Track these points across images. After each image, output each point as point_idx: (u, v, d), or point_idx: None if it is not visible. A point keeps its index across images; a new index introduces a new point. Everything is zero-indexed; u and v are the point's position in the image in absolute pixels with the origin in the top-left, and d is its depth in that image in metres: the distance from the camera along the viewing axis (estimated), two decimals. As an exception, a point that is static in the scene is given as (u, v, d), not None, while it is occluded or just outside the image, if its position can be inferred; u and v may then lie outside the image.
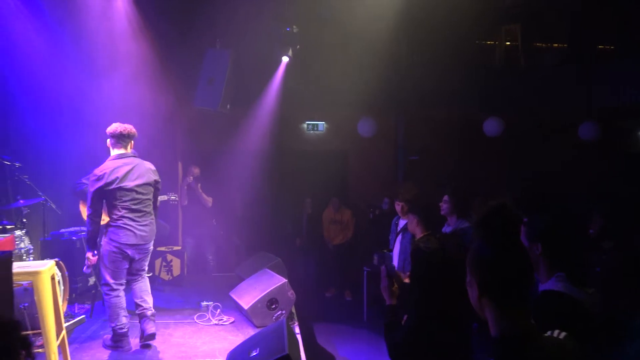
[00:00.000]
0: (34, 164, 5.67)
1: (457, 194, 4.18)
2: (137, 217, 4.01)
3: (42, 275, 3.75)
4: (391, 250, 4.01)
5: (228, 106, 6.61)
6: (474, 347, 2.22)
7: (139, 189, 3.99)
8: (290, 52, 6.73)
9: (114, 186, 3.94)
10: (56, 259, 4.55)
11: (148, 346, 4.10)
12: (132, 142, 4.14)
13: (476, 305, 1.40)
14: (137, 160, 4.09)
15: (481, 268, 1.37)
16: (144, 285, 4.23)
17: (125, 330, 4.08)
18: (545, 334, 1.40)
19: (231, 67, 6.40)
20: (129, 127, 4.07)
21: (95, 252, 4.09)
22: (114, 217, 4.01)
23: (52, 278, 4.01)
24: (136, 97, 6.07)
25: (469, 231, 3.88)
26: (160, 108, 6.36)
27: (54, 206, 5.62)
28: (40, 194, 5.45)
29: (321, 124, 8.21)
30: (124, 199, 3.98)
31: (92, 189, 3.94)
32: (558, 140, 7.46)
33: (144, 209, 4.04)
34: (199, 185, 6.73)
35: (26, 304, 4.25)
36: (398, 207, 4.45)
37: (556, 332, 1.41)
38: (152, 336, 4.07)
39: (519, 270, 1.35)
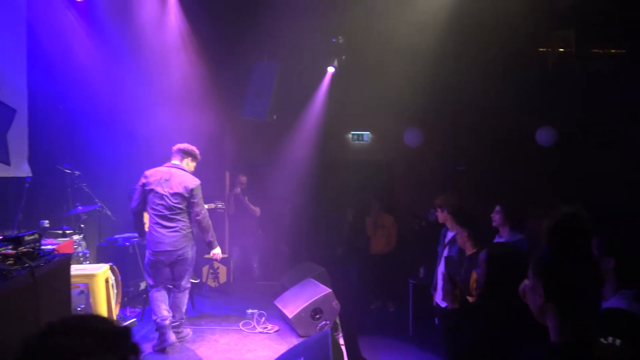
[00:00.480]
0: (92, 172, 6.00)
1: (510, 205, 4.05)
2: (167, 224, 4.27)
3: (97, 277, 3.96)
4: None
5: (275, 117, 6.82)
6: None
7: (170, 197, 4.27)
8: (336, 63, 6.79)
9: (148, 187, 4.32)
10: (110, 263, 4.81)
11: (163, 350, 4.21)
12: (188, 158, 4.47)
13: (537, 310, 1.40)
14: (179, 172, 4.38)
15: (550, 275, 1.37)
16: (178, 301, 4.43)
17: (167, 323, 4.25)
18: (603, 341, 1.42)
19: (278, 78, 6.59)
20: (183, 146, 4.50)
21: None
22: (150, 224, 4.36)
23: (106, 281, 4.25)
24: (187, 108, 6.30)
25: (523, 244, 3.75)
26: (210, 119, 6.54)
27: (109, 213, 5.90)
28: (97, 201, 5.75)
29: (366, 134, 8.16)
30: (157, 202, 4.30)
31: (136, 185, 4.42)
32: (614, 149, 7.05)
33: (174, 217, 4.28)
34: (246, 198, 6.86)
35: (82, 306, 4.45)
36: (440, 216, 4.32)
37: (610, 338, 1.43)
38: (172, 345, 4.21)
39: (589, 281, 1.35)
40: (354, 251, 7.53)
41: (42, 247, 2.96)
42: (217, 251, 4.52)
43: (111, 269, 4.76)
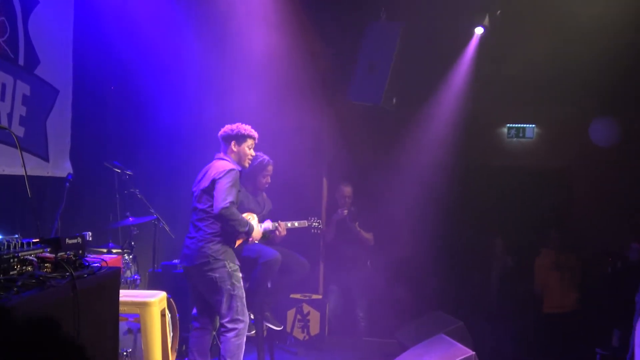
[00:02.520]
0: (148, 174, 6.37)
1: None
2: (192, 232, 4.80)
3: (152, 307, 4.17)
4: None
5: (394, 100, 6.79)
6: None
7: (197, 198, 4.82)
8: (486, 21, 6.66)
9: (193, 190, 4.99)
10: (168, 296, 5.05)
11: None
12: (231, 143, 4.94)
13: None
14: (217, 163, 4.86)
15: None
16: (224, 351, 4.66)
17: None
18: None
19: (401, 46, 6.54)
20: (221, 131, 5.01)
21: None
22: None
23: (162, 314, 4.44)
24: (272, 92, 6.58)
25: None
26: (303, 107, 6.78)
27: (167, 228, 6.22)
28: (152, 211, 6.07)
29: (529, 128, 7.90)
30: (192, 206, 4.92)
31: None
32: None
33: (198, 223, 4.76)
34: (357, 223, 6.96)
35: (128, 349, 4.69)
36: None
37: None
38: None
39: None
40: (510, 303, 7.38)
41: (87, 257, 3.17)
42: (256, 234, 4.92)
43: (168, 302, 5.01)
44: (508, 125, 7.97)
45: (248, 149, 4.94)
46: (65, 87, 5.69)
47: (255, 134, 4.97)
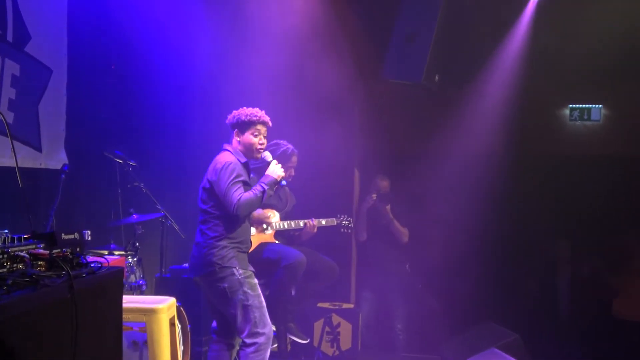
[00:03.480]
0: (154, 165, 6.49)
1: None
2: (197, 235, 4.83)
3: (160, 315, 4.20)
4: None
5: (437, 78, 6.72)
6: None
7: (200, 195, 4.85)
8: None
9: None
10: (177, 304, 5.07)
11: None
12: (234, 132, 4.88)
13: None
14: (217, 156, 4.86)
15: None
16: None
17: None
18: None
19: (444, 12, 6.47)
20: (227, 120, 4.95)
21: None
22: None
23: (172, 324, 4.50)
24: (295, 73, 6.60)
25: None
26: (328, 85, 6.74)
27: (176, 227, 6.27)
28: (159, 207, 6.12)
29: (595, 109, 7.73)
30: None
31: None
32: None
33: (202, 225, 4.80)
34: (388, 207, 6.87)
35: (133, 367, 4.73)
36: None
37: None
38: None
39: None
40: (577, 314, 7.33)
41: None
42: (277, 172, 4.85)
43: (178, 310, 5.02)
44: (570, 106, 7.81)
45: (254, 137, 4.77)
46: (60, 66, 5.76)
47: (263, 118, 4.78)
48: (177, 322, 4.89)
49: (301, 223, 5.93)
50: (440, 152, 7.43)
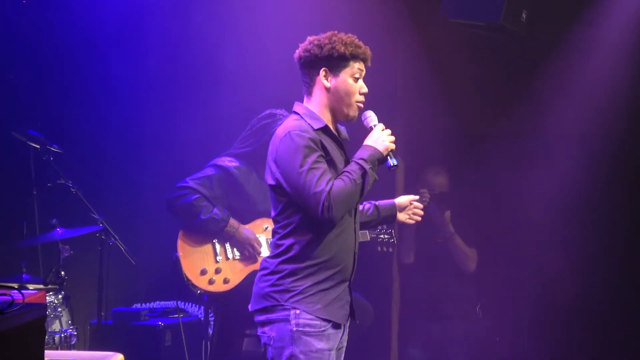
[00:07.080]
0: (89, 154, 6.02)
1: None
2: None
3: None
4: None
5: (524, 16, 5.95)
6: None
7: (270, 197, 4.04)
8: None
9: None
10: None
11: None
12: (315, 76, 3.68)
13: None
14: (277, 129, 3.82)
15: None
16: None
17: None
18: None
19: None
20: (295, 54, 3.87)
21: None
22: None
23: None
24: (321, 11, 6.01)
25: None
26: (367, 34, 5.83)
27: (122, 247, 5.58)
28: (96, 216, 5.50)
29: None
30: None
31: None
32: None
33: (275, 242, 3.83)
34: (447, 213, 6.18)
35: None
36: None
37: None
38: None
39: None
40: None
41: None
42: (385, 141, 3.70)
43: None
44: None
45: (354, 82, 3.57)
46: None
47: (364, 49, 3.59)
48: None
49: None
50: (526, 133, 6.46)
